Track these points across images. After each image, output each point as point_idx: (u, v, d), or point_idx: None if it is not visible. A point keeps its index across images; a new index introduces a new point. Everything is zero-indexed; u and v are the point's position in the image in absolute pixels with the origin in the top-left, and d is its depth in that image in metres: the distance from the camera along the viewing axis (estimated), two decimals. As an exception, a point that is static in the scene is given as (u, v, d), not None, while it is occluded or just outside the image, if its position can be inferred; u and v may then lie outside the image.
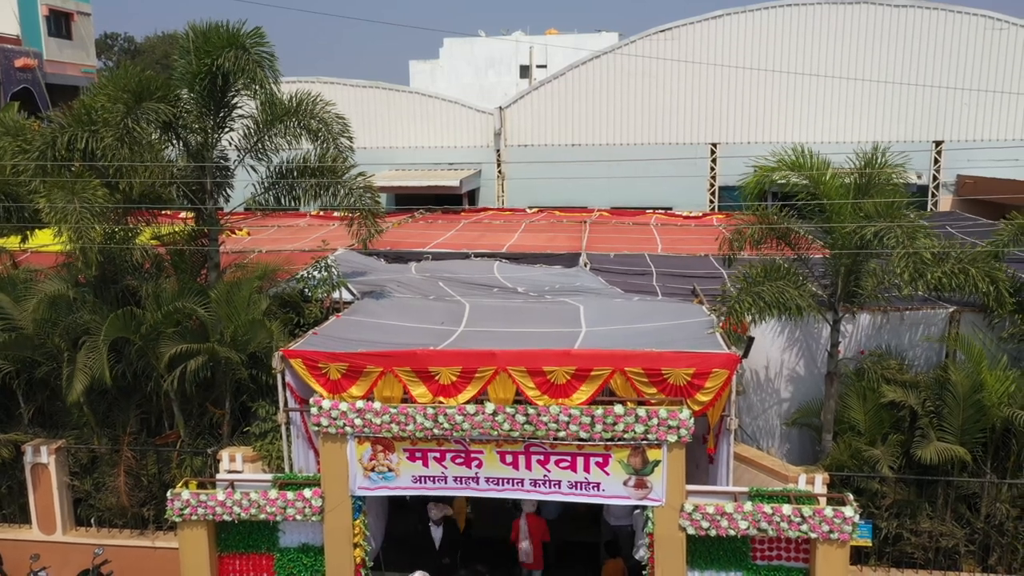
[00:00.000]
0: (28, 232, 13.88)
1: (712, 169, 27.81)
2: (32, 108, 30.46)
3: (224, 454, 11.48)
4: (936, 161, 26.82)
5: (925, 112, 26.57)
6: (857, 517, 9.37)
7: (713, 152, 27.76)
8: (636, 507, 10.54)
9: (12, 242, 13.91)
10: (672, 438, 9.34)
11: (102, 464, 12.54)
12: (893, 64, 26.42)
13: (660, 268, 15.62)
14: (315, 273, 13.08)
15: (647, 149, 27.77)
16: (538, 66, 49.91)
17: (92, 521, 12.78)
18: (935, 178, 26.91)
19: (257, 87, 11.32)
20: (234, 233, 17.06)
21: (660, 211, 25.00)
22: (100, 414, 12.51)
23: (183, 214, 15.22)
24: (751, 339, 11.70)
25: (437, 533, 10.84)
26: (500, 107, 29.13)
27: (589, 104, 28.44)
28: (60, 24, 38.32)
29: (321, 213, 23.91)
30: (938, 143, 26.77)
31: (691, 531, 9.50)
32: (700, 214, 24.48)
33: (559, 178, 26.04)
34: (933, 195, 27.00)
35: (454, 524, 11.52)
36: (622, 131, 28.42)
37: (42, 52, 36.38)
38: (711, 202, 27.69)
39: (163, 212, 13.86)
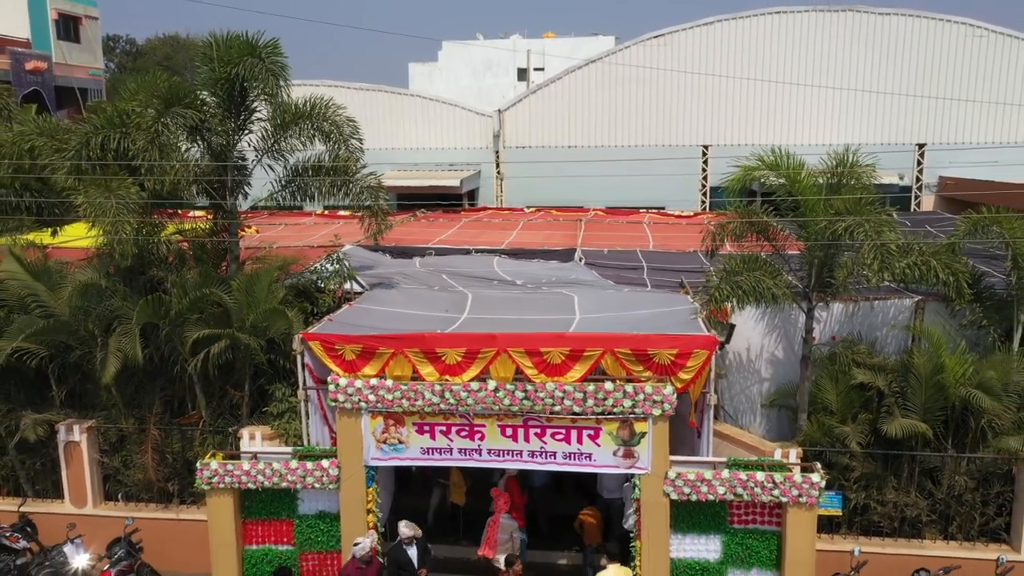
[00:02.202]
0: (57, 227, 14.82)
1: (704, 170, 28.80)
2: (42, 110, 31.31)
3: (244, 432, 12.38)
4: (919, 163, 27.84)
5: (908, 116, 27.60)
6: (823, 483, 10.31)
7: (705, 154, 28.75)
8: (626, 481, 11.48)
9: (44, 236, 14.81)
10: (657, 411, 10.29)
11: (130, 443, 13.46)
12: (878, 69, 27.45)
13: (651, 263, 16.55)
14: (328, 266, 14.02)
15: (641, 150, 28.78)
16: (535, 69, 50.78)
17: (119, 496, 13.70)
18: (918, 179, 27.94)
19: (269, 94, 12.25)
20: (243, 231, 17.98)
21: (653, 210, 25.94)
22: (127, 396, 13.42)
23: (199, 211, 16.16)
24: (732, 326, 12.67)
25: (412, 551, 11.06)
26: (499, 110, 30.11)
27: (585, 107, 29.45)
28: (68, 28, 39.19)
29: (326, 212, 24.87)
30: (921, 145, 27.80)
31: (674, 496, 10.45)
32: (691, 213, 25.41)
33: (556, 176, 27.01)
34: (916, 195, 28.05)
35: (423, 541, 11.42)
36: (617, 133, 29.43)
37: (51, 55, 37.24)
38: (702, 202, 28.68)
39: (185, 209, 14.82)
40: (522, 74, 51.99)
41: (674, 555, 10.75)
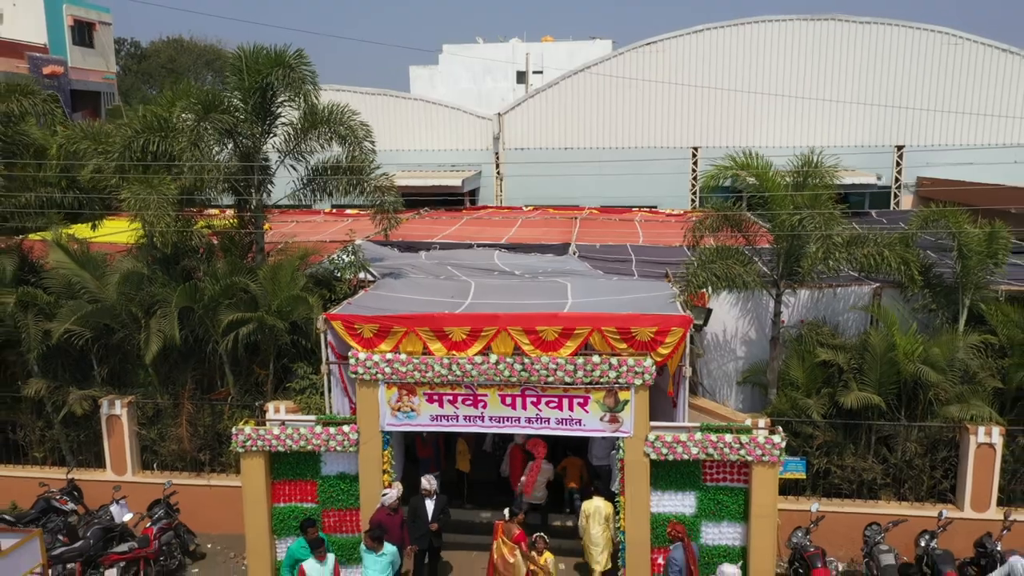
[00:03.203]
0: (97, 221, 16.24)
1: (694, 170, 30.20)
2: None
3: (270, 406, 13.77)
4: (898, 164, 29.28)
5: (887, 119, 29.02)
6: (783, 443, 11.68)
7: (694, 155, 30.16)
8: (613, 449, 12.87)
9: (84, 230, 16.22)
10: (638, 381, 11.69)
11: (165, 417, 14.87)
12: (858, 74, 28.90)
13: (639, 256, 17.92)
14: (344, 257, 15.45)
15: (634, 152, 30.20)
16: (534, 72, 51.99)
17: (154, 465, 15.12)
18: (897, 179, 29.38)
19: (302, 99, 13.70)
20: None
21: (645, 209, 27.32)
22: (163, 375, 14.85)
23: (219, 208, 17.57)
24: (710, 310, 14.10)
25: (430, 504, 12.45)
26: (499, 113, 31.54)
27: (581, 111, 30.87)
28: (83, 33, 40.59)
29: (334, 211, 26.30)
30: (900, 147, 29.24)
31: (653, 456, 11.83)
32: (681, 212, 26.78)
33: (553, 176, 28.43)
34: (896, 195, 29.47)
35: (442, 497, 12.87)
36: (611, 135, 30.84)
37: (67, 60, 38.65)
38: (692, 201, 30.08)
39: (203, 207, 16.22)
40: (521, 77, 53.16)
41: (654, 510, 12.13)
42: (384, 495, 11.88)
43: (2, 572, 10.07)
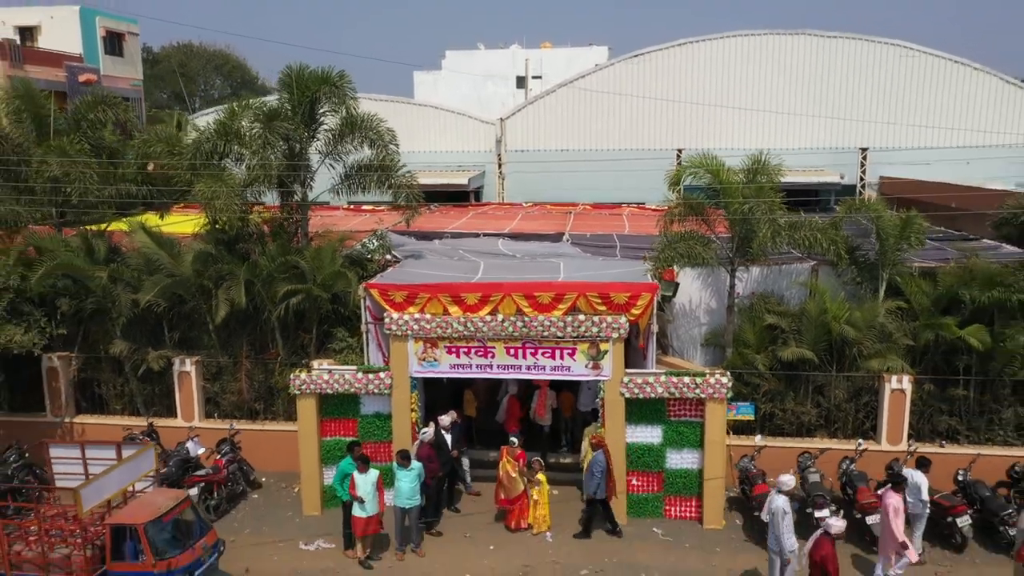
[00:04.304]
0: (164, 212, 19.28)
1: (678, 170, 33.16)
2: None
3: (314, 364, 16.74)
4: (862, 165, 32.33)
5: (853, 123, 32.08)
6: (730, 383, 14.64)
7: (679, 156, 33.13)
8: (596, 397, 15.83)
9: (153, 219, 19.24)
10: (615, 335, 14.68)
11: (225, 373, 17.86)
12: (826, 81, 31.97)
13: (623, 243, 20.92)
14: (373, 242, 18.47)
15: (624, 153, 33.24)
16: (534, 77, 54.94)
17: (216, 414, 18.10)
18: (861, 179, 32.43)
19: (344, 110, 16.71)
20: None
21: (634, 205, 30.28)
22: (223, 339, 17.83)
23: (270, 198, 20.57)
24: (677, 284, 17.13)
25: (449, 436, 15.44)
26: (501, 118, 34.61)
27: (576, 116, 33.95)
28: (114, 44, 43.66)
29: (351, 206, 29.25)
30: (864, 149, 32.29)
31: (627, 395, 14.82)
32: (665, 208, 29.70)
33: (551, 174, 31.45)
34: (860, 192, 32.50)
35: (459, 427, 16.12)
36: (603, 138, 33.92)
37: (100, 68, 41.66)
38: (677, 197, 33.00)
39: (259, 202, 19.22)
40: (521, 82, 56.06)
41: (629, 440, 15.10)
42: (423, 433, 14.86)
43: (127, 472, 13.08)
